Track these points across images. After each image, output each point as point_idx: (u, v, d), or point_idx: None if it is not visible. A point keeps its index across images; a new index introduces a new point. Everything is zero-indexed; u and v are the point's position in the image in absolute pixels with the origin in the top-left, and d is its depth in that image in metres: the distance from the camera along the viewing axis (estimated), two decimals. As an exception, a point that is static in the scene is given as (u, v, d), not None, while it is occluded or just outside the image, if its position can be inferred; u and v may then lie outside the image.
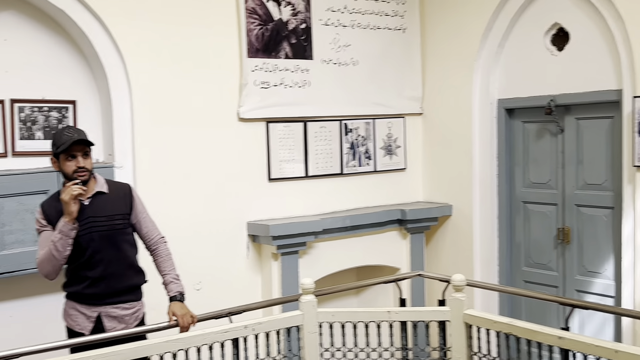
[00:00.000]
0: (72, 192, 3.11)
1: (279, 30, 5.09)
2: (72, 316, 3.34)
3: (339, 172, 5.48)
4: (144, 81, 4.55)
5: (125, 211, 3.40)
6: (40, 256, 3.20)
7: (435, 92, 5.81)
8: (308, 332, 3.51)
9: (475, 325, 3.40)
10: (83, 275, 3.28)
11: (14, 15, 4.29)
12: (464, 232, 5.60)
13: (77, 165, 3.20)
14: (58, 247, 3.14)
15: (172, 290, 3.42)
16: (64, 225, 3.14)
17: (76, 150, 3.21)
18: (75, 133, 3.25)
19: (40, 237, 3.27)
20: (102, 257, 3.28)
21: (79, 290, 3.30)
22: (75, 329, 3.31)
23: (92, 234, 3.26)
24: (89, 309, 3.30)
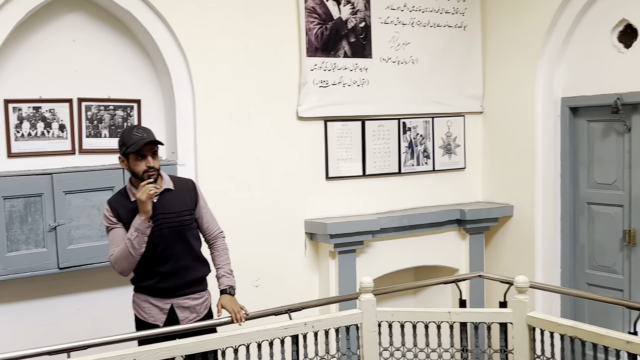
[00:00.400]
0: (148, 192, 3.20)
1: (338, 29, 5.10)
2: (145, 309, 3.42)
3: (397, 171, 5.44)
4: (205, 80, 4.63)
5: (191, 206, 3.48)
6: (116, 253, 3.29)
7: (496, 91, 5.71)
8: (367, 330, 3.50)
9: (538, 327, 3.34)
10: (155, 270, 3.36)
11: (82, 17, 4.42)
12: (525, 233, 5.49)
13: (147, 165, 3.27)
14: (134, 245, 3.22)
15: (223, 283, 3.49)
16: (140, 224, 3.22)
17: (146, 151, 3.28)
18: (144, 133, 3.31)
19: (111, 234, 3.36)
20: (172, 252, 3.37)
21: (151, 284, 3.38)
22: (149, 320, 3.39)
23: (163, 230, 3.34)
24: (162, 302, 3.39)
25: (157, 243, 3.32)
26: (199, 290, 3.49)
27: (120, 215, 3.32)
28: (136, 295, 3.48)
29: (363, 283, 3.55)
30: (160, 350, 2.97)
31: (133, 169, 3.30)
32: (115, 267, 3.32)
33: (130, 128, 3.40)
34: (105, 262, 4.29)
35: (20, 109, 4.26)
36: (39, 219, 4.16)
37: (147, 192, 3.19)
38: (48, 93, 4.34)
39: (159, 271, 3.36)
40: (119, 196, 3.43)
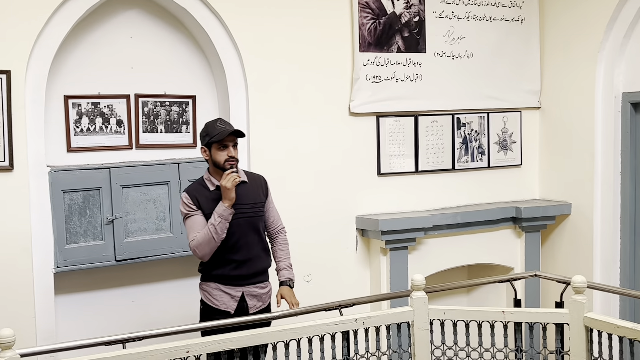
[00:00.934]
0: (233, 180, 3.40)
1: (392, 23, 5.05)
2: (217, 296, 3.59)
3: (451, 167, 5.37)
4: (258, 76, 4.66)
5: (263, 200, 3.70)
6: (198, 239, 3.45)
7: (554, 85, 5.56)
8: (418, 328, 3.47)
9: (596, 329, 3.24)
10: (229, 258, 3.54)
11: (139, 14, 4.51)
12: (584, 232, 5.34)
13: (228, 155, 3.50)
14: (217, 230, 3.41)
15: (283, 275, 3.70)
16: (224, 210, 3.42)
17: (228, 141, 3.51)
18: (227, 125, 3.56)
19: (190, 220, 3.53)
20: (246, 241, 3.57)
21: (225, 272, 3.56)
22: (220, 307, 3.57)
23: (239, 219, 3.53)
24: (234, 289, 3.57)
25: (233, 231, 3.50)
26: (265, 279, 3.70)
27: (200, 204, 3.51)
28: (206, 284, 3.64)
29: (415, 280, 3.51)
30: (213, 343, 3.00)
31: (215, 159, 3.53)
32: (197, 252, 3.49)
33: (214, 120, 3.62)
34: (161, 255, 4.43)
35: (80, 104, 4.37)
36: (97, 212, 4.27)
37: (232, 180, 3.40)
38: (106, 89, 4.45)
39: (233, 259, 3.55)
40: (198, 185, 3.62)
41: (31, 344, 3.90)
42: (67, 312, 4.36)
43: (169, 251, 4.46)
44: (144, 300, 4.63)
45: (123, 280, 4.55)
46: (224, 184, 3.41)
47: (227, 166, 3.48)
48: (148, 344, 3.05)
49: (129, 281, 4.57)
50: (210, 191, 3.56)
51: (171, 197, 4.46)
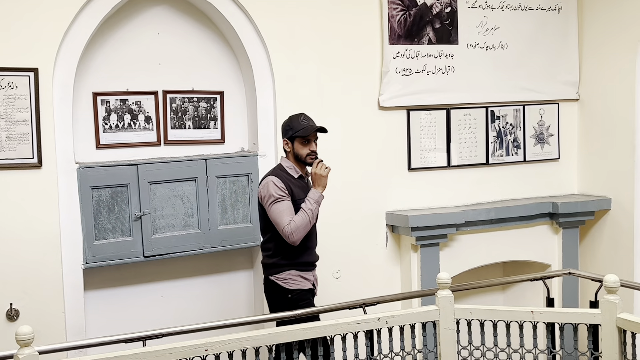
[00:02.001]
0: (328, 169, 3.66)
1: (422, 14, 4.94)
2: (300, 282, 3.72)
3: (484, 162, 5.24)
4: (286, 71, 4.61)
5: None
6: (296, 223, 3.57)
7: (593, 77, 5.37)
8: (444, 328, 3.38)
9: (629, 330, 3.10)
10: (306, 245, 3.71)
11: (167, 10, 4.51)
12: (624, 228, 5.15)
13: (310, 150, 3.70)
14: (314, 216, 3.64)
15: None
16: (320, 197, 3.66)
17: (311, 137, 3.71)
18: (310, 121, 3.73)
19: (281, 205, 3.60)
20: (315, 228, 3.79)
21: (303, 259, 3.72)
22: (307, 286, 3.73)
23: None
24: (308, 274, 3.77)
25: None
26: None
27: (292, 189, 3.65)
28: (286, 273, 3.69)
29: (440, 279, 3.42)
30: (232, 342, 2.97)
31: (297, 152, 3.72)
32: (293, 236, 3.57)
33: (298, 115, 3.77)
34: (189, 251, 4.44)
35: (108, 101, 4.40)
36: (125, 209, 4.29)
37: (325, 168, 3.64)
38: (134, 86, 4.46)
39: (308, 245, 3.74)
40: (281, 172, 3.71)
41: (61, 340, 3.97)
42: (96, 307, 4.41)
43: (197, 247, 4.47)
44: (173, 296, 4.65)
45: (152, 276, 4.57)
46: (318, 171, 3.64)
47: (309, 160, 3.69)
48: (169, 341, 3.05)
49: (158, 277, 4.60)
50: (295, 179, 3.72)
51: (199, 193, 4.45)
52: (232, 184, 4.57)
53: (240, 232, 4.59)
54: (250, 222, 4.61)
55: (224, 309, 4.71)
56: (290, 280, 3.69)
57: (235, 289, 4.85)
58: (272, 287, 3.73)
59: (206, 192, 4.48)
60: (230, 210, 4.57)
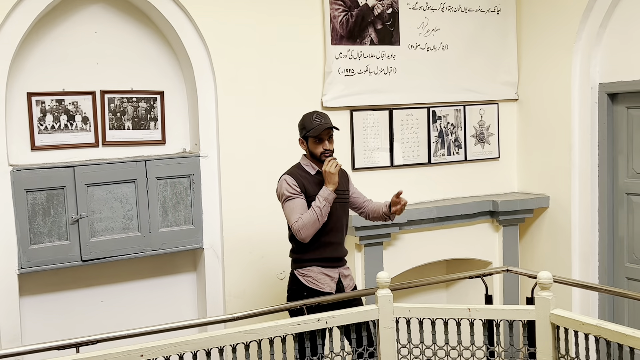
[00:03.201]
0: (336, 165, 3.63)
1: (364, 15, 4.97)
2: (320, 279, 3.74)
3: (427, 161, 5.30)
4: (228, 71, 4.58)
5: (348, 189, 3.92)
6: (303, 221, 3.60)
7: (531, 77, 5.49)
8: (384, 327, 3.40)
9: (562, 326, 3.17)
10: (327, 241, 3.73)
11: (104, 8, 4.42)
12: (562, 225, 5.28)
13: (324, 148, 3.71)
14: (323, 213, 3.61)
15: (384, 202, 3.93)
16: (329, 194, 3.63)
17: (324, 135, 3.70)
18: (323, 119, 3.71)
19: (292, 203, 3.66)
20: (341, 224, 3.79)
21: (325, 254, 3.73)
22: (325, 289, 3.72)
23: (336, 203, 3.72)
24: (332, 271, 3.76)
25: (332, 213, 3.69)
26: (347, 262, 3.90)
27: (306, 187, 3.68)
28: (306, 269, 3.75)
29: (379, 278, 3.44)
30: (168, 347, 2.93)
31: (312, 150, 3.75)
32: (301, 233, 3.62)
33: (311, 113, 3.78)
34: (129, 254, 4.35)
35: (44, 102, 4.29)
36: (62, 212, 4.19)
37: (335, 165, 3.63)
38: (71, 86, 4.36)
39: (331, 241, 3.74)
40: (298, 170, 3.78)
41: (-6, 347, 3.85)
42: (33, 313, 4.29)
43: (137, 250, 4.39)
44: (114, 300, 4.56)
45: (90, 281, 4.48)
46: (327, 169, 3.62)
47: (323, 158, 3.69)
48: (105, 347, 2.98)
49: (97, 281, 4.51)
50: (312, 175, 3.74)
51: (138, 195, 4.38)
52: (173, 186, 4.51)
53: (182, 234, 4.53)
54: (192, 224, 4.55)
55: (166, 312, 4.64)
56: (310, 278, 3.75)
57: (178, 292, 4.79)
58: (294, 280, 3.80)
59: (146, 194, 4.41)
60: (172, 212, 4.51)
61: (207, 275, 4.65)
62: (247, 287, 4.68)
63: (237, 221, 4.64)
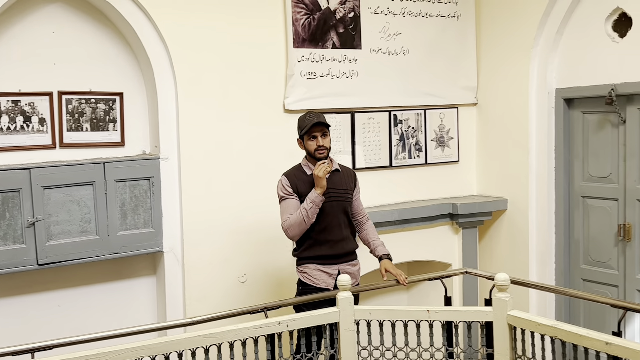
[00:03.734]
0: (325, 169, 3.70)
1: (327, 19, 4.98)
2: (316, 275, 3.84)
3: (388, 164, 5.34)
4: (188, 73, 4.54)
5: (352, 188, 3.99)
6: (290, 221, 3.76)
7: (490, 82, 5.58)
8: (344, 329, 3.41)
9: (519, 327, 3.23)
10: (324, 239, 3.83)
11: (62, 8, 4.35)
12: (520, 228, 5.37)
13: (317, 144, 3.79)
14: (309, 214, 3.72)
15: (381, 251, 3.97)
16: (316, 197, 3.72)
17: (316, 132, 3.79)
18: (315, 117, 3.81)
19: (285, 203, 3.84)
20: (338, 222, 3.87)
21: (322, 252, 3.84)
22: (320, 285, 3.83)
23: (332, 202, 3.83)
24: (330, 267, 3.85)
25: (327, 213, 3.80)
26: (355, 258, 3.99)
27: (298, 187, 3.82)
28: (304, 266, 3.89)
29: (340, 281, 3.46)
30: (126, 351, 2.89)
31: (307, 148, 3.84)
32: (288, 232, 3.80)
33: (305, 113, 3.90)
34: (87, 258, 4.29)
35: (-1, 102, 4.20)
36: (17, 215, 4.10)
37: (324, 170, 3.70)
38: (27, 86, 4.28)
39: (328, 239, 3.83)
40: (296, 170, 3.92)
41: (-55, 354, 3.74)
42: (-12, 318, 4.19)
43: (95, 254, 4.32)
44: (70, 305, 4.49)
45: (47, 285, 4.40)
46: (316, 172, 3.71)
47: (318, 155, 3.78)
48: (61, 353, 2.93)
49: (54, 285, 4.43)
50: (307, 175, 3.85)
51: (97, 198, 4.31)
52: (132, 188, 4.45)
53: (141, 237, 4.48)
54: (152, 227, 4.50)
55: (124, 317, 4.58)
56: (307, 274, 3.87)
57: (137, 296, 4.73)
58: (298, 278, 3.93)
59: (105, 197, 4.35)
60: (131, 215, 4.45)
61: (167, 278, 4.61)
62: (208, 291, 4.65)
63: (197, 224, 4.60)
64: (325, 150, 3.82)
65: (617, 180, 4.85)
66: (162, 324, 3.51)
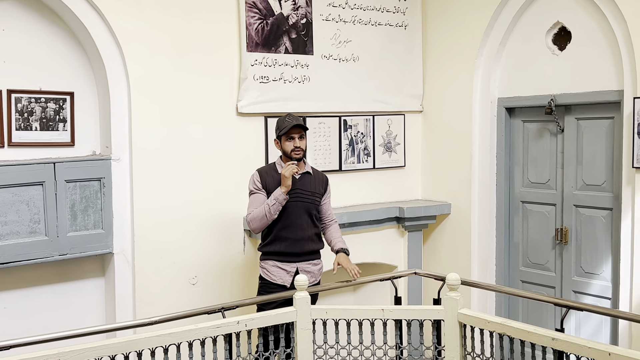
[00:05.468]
0: (292, 170, 3.89)
1: (280, 24, 5.06)
2: (274, 272, 4.04)
3: (338, 168, 5.45)
4: (142, 73, 4.53)
5: (321, 192, 4.18)
6: (253, 214, 3.98)
7: (435, 90, 5.77)
8: (301, 328, 3.49)
9: (469, 324, 3.38)
10: (284, 237, 4.02)
11: (12, 5, 4.27)
12: (462, 231, 5.58)
13: (294, 145, 3.99)
14: (271, 211, 3.91)
15: (337, 245, 4.14)
16: (280, 195, 3.91)
17: (294, 133, 4.00)
18: (293, 120, 4.01)
19: (253, 197, 4.05)
20: (300, 222, 4.03)
21: (280, 249, 4.03)
22: (277, 282, 4.03)
23: (298, 202, 4.02)
24: (289, 265, 4.03)
25: (289, 212, 3.99)
26: (317, 257, 4.16)
27: (266, 184, 4.03)
28: (264, 261, 4.09)
29: (298, 281, 3.53)
30: (86, 351, 2.88)
31: (284, 149, 4.05)
32: (250, 225, 4.01)
33: (284, 115, 4.12)
34: (35, 259, 4.22)
35: (-55, 99, 4.09)
36: (-36, 215, 4.00)
37: (291, 170, 3.89)
38: (-25, 84, 4.18)
39: (288, 237, 4.01)
40: (269, 168, 4.15)
41: None
42: None
43: (44, 255, 4.25)
44: (18, 307, 4.39)
45: (-7, 287, 4.29)
46: (283, 172, 3.91)
47: (294, 155, 3.98)
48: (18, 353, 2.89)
49: (1, 287, 4.32)
50: (279, 174, 4.02)
51: (46, 198, 4.25)
52: (82, 189, 4.40)
53: (91, 238, 4.43)
54: (102, 228, 4.47)
55: (72, 319, 4.51)
56: (266, 270, 4.06)
57: (85, 298, 4.66)
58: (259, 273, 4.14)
59: (54, 197, 4.28)
60: (81, 216, 4.40)
61: (116, 280, 4.57)
62: (158, 293, 4.64)
63: (148, 225, 4.58)
64: (301, 151, 4.02)
65: (555, 186, 5.10)
66: (122, 324, 3.49)
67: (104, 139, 4.60)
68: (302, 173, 4.11)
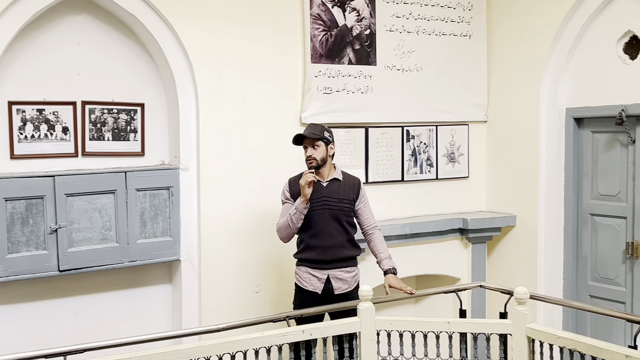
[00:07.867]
0: (307, 179, 3.87)
1: (343, 36, 5.09)
2: (306, 278, 4.05)
3: (400, 179, 5.43)
4: (209, 85, 4.63)
5: (351, 198, 4.08)
6: (279, 224, 4.04)
7: (500, 100, 5.69)
8: (365, 339, 3.48)
9: (538, 339, 3.31)
10: (313, 244, 4.00)
11: (87, 20, 4.43)
12: (528, 244, 5.46)
13: (306, 155, 4.01)
14: (293, 220, 3.95)
15: (386, 265, 4.02)
16: (299, 204, 3.92)
17: (306, 144, 4.02)
18: (307, 130, 4.03)
19: (283, 207, 4.09)
20: (328, 230, 4.00)
21: (311, 256, 4.02)
22: (308, 288, 4.03)
23: (325, 210, 3.99)
24: (320, 272, 4.01)
25: (317, 221, 3.97)
26: (352, 265, 4.10)
27: (295, 193, 4.02)
28: (298, 268, 4.11)
29: (362, 291, 3.54)
30: (157, 356, 2.95)
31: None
32: (278, 234, 4.07)
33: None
34: (106, 265, 4.36)
35: (24, 110, 4.27)
36: (40, 221, 4.16)
37: (307, 179, 3.86)
38: (52, 95, 4.35)
39: (317, 245, 4.00)
40: (298, 177, 4.07)
41: (-32, 357, 3.78)
42: (8, 323, 4.24)
43: (114, 261, 4.39)
44: (88, 312, 4.54)
45: (66, 291, 4.45)
46: (300, 182, 3.91)
47: (308, 164, 4.00)
48: (91, 357, 2.99)
49: (73, 292, 4.48)
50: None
51: (117, 206, 4.38)
52: (152, 197, 4.53)
53: (159, 246, 4.55)
54: (170, 236, 4.57)
55: (140, 324, 4.63)
56: (298, 276, 4.09)
57: (153, 304, 4.78)
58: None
59: (125, 205, 4.42)
60: (150, 223, 4.52)
61: (183, 287, 4.67)
62: (222, 300, 4.71)
63: (214, 234, 4.67)
64: (314, 160, 3.98)
65: (626, 199, 4.95)
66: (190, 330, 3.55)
67: (172, 149, 4.72)
68: (330, 180, 4.05)
